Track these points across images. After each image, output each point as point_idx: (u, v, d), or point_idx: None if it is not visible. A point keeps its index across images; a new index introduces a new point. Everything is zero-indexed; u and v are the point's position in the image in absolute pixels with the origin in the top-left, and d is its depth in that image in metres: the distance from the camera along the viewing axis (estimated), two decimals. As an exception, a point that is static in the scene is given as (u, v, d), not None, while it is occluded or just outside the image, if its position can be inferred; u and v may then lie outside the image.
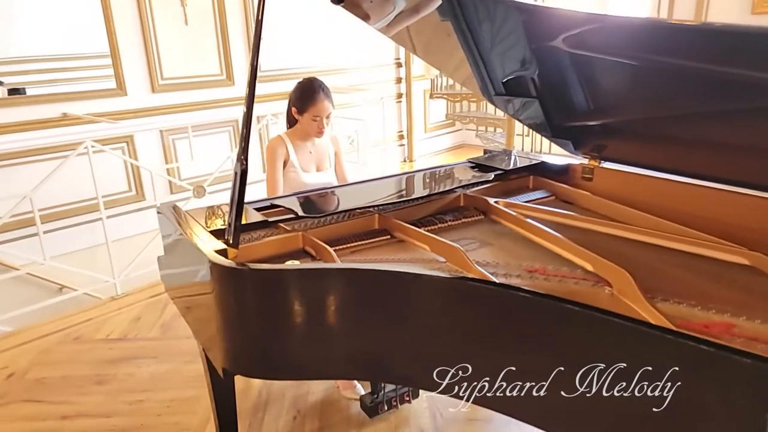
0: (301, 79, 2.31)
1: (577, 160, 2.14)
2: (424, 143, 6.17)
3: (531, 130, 5.36)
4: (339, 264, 1.39)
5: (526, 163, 2.19)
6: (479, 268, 1.40)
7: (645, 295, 1.25)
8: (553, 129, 2.10)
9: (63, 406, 2.12)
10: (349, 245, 1.63)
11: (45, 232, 3.00)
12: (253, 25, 1.36)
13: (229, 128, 4.46)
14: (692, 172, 1.73)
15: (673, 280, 1.37)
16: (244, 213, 1.65)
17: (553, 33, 1.76)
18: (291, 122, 2.37)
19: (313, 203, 1.85)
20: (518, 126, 4.87)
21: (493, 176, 2.02)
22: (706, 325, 1.16)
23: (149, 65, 3.98)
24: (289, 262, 1.39)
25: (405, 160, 5.95)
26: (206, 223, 1.58)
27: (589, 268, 1.43)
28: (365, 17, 1.88)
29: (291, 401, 2.10)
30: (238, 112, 4.43)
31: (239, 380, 2.03)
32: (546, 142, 5.23)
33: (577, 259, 1.47)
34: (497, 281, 1.33)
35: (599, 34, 1.65)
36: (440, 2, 1.77)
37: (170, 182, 4.07)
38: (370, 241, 1.66)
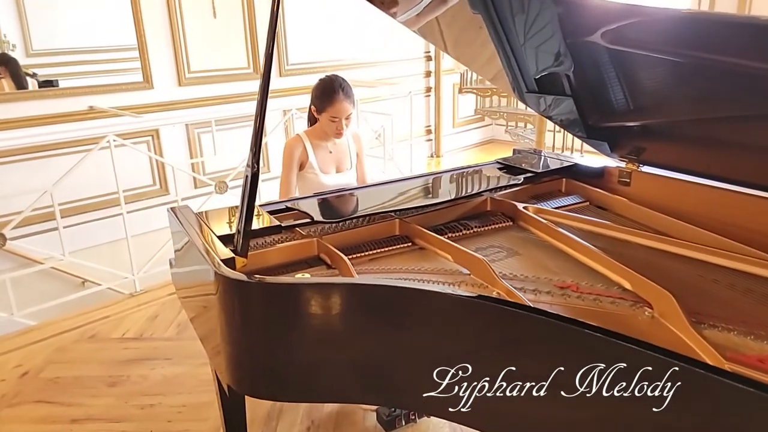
0: (322, 76, 2.21)
1: (613, 162, 2.00)
2: (452, 138, 6.02)
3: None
4: (352, 279, 1.29)
5: (558, 164, 2.05)
6: (505, 282, 1.29)
7: (690, 319, 1.12)
8: (587, 129, 1.96)
9: (73, 408, 2.08)
10: (367, 253, 1.53)
11: (67, 227, 3.00)
12: (273, 23, 1.25)
13: (254, 122, 4.41)
14: (743, 180, 1.58)
15: (720, 303, 1.23)
16: (258, 216, 1.58)
17: (591, 27, 1.63)
18: (311, 120, 2.28)
19: (330, 206, 1.76)
20: (550, 122, 4.69)
21: (522, 179, 1.89)
22: (760, 359, 1.02)
23: (176, 58, 3.95)
24: (299, 275, 1.30)
25: (432, 156, 5.82)
26: (219, 227, 1.50)
27: (627, 286, 1.30)
28: (392, 4, 1.77)
29: (305, 411, 2.02)
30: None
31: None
32: (579, 140, 5.04)
33: (613, 276, 1.34)
34: (526, 299, 1.22)
35: (642, 28, 1.52)
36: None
37: (194, 177, 4.04)
38: (390, 248, 1.56)
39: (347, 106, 2.10)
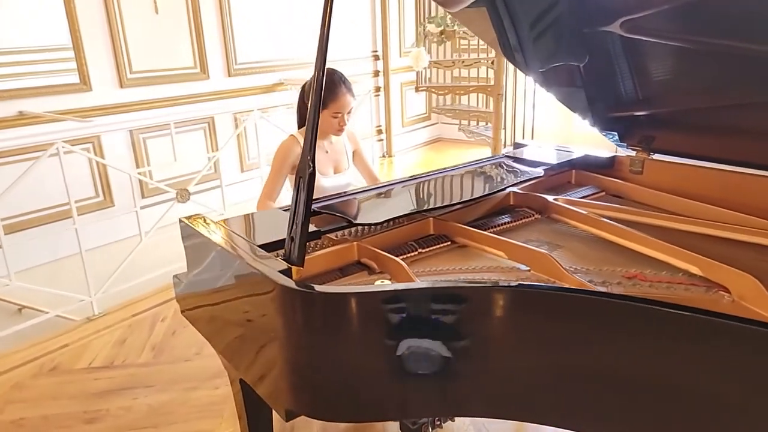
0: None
1: (610, 152, 2.00)
2: (401, 138, 5.96)
3: (514, 123, 5.29)
4: (454, 282, 1.17)
5: (567, 156, 2.02)
6: (577, 277, 1.22)
7: (773, 301, 1.10)
8: (598, 119, 1.95)
9: (51, 452, 1.81)
10: (408, 254, 1.41)
11: (7, 246, 2.64)
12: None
13: (204, 125, 4.13)
14: (759, 162, 1.60)
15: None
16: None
17: (605, 15, 1.61)
18: (305, 119, 2.11)
19: (357, 208, 1.62)
20: (504, 119, 4.74)
21: (542, 171, 1.84)
22: None
23: (116, 58, 3.61)
24: (378, 282, 1.16)
25: (384, 156, 5.73)
26: (252, 235, 1.34)
27: (696, 271, 1.27)
28: None
29: (320, 425, 1.86)
30: (214, 107, 4.10)
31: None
32: (528, 134, 5.16)
33: (679, 262, 1.30)
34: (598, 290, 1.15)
35: (654, 13, 1.51)
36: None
37: (142, 185, 3.72)
38: (431, 248, 1.45)
39: (350, 99, 1.98)
